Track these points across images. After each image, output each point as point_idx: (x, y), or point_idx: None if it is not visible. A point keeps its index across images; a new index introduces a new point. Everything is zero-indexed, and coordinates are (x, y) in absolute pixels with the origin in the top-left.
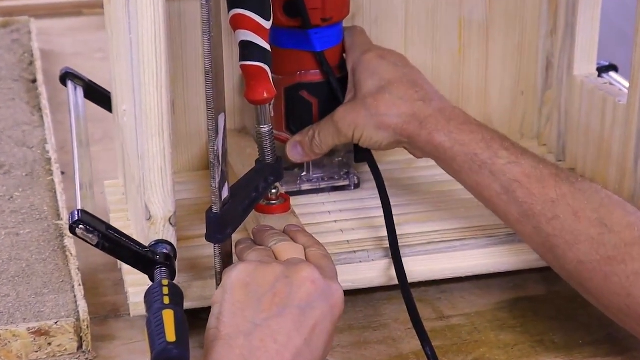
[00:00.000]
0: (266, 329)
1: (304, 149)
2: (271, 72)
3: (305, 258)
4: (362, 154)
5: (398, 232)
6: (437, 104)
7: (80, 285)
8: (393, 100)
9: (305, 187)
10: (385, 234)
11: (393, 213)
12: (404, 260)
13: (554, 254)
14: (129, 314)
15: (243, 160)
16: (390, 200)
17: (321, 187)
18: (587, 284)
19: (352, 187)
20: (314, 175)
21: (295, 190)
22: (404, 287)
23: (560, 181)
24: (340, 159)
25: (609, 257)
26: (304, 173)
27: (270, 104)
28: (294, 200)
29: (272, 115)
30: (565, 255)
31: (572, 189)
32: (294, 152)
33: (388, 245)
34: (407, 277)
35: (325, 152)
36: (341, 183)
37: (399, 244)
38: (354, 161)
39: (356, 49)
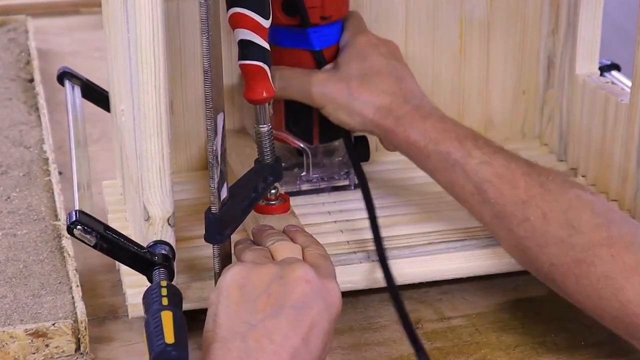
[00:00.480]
0: (262, 330)
1: None
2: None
3: (303, 258)
4: (361, 153)
5: (398, 232)
6: (416, 102)
7: (78, 286)
8: (377, 91)
9: (305, 187)
10: (387, 234)
11: (393, 214)
12: (404, 261)
13: (527, 257)
14: (127, 316)
15: (242, 160)
16: (390, 201)
17: (321, 187)
18: (561, 286)
19: (352, 187)
20: (314, 175)
21: (295, 190)
22: (397, 300)
23: (530, 181)
24: (340, 158)
25: (578, 260)
26: (304, 173)
27: (269, 104)
28: (293, 201)
29: (272, 114)
30: (537, 258)
31: (542, 190)
32: None
33: (389, 247)
34: (409, 278)
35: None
36: (341, 183)
37: (400, 245)
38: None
39: (350, 29)
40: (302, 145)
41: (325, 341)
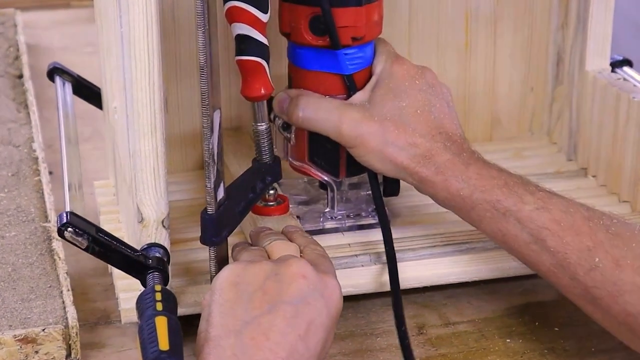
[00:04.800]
0: (257, 327)
1: (283, 105)
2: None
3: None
4: (391, 188)
5: (402, 235)
6: (456, 147)
7: (68, 290)
8: (414, 136)
9: (328, 225)
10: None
11: (397, 215)
12: (408, 264)
13: (596, 306)
14: (120, 321)
15: (239, 159)
16: (394, 202)
17: (347, 225)
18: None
19: None
20: (339, 212)
21: (318, 228)
22: (398, 308)
23: (594, 226)
24: (367, 193)
25: None
26: (327, 209)
27: (283, 129)
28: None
29: (294, 144)
30: (610, 308)
31: (609, 234)
32: (280, 101)
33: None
34: (412, 282)
35: (298, 126)
36: (369, 221)
37: (404, 247)
38: (383, 195)
39: (384, 53)
40: (326, 179)
41: (325, 339)
